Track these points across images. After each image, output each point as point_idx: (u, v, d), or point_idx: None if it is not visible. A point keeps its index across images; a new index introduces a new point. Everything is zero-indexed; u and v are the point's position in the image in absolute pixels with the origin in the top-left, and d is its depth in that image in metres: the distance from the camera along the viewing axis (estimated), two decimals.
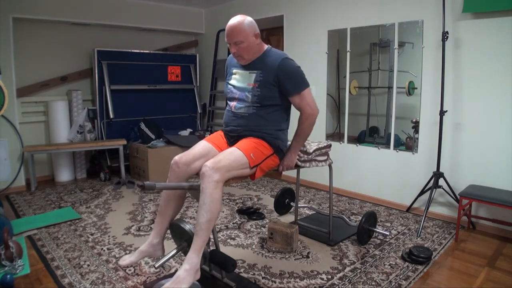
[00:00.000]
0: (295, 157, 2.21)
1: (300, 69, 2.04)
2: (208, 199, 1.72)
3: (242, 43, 1.96)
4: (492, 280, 2.13)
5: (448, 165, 3.04)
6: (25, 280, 2.13)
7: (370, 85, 3.73)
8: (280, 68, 1.97)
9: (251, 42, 1.98)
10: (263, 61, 2.04)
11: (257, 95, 2.01)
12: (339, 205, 3.50)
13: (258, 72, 2.02)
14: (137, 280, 2.12)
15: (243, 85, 2.07)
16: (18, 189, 4.02)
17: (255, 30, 2.00)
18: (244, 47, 1.97)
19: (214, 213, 1.76)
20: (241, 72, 2.10)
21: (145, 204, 3.50)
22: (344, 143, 3.84)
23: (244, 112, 2.05)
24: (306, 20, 4.09)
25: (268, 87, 2.00)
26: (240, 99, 2.07)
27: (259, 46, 2.05)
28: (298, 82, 2.01)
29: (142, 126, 4.59)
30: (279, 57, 2.01)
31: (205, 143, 2.08)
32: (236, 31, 1.94)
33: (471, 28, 2.85)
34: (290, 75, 1.99)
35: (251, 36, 1.97)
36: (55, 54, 4.47)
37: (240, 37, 1.94)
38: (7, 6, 3.81)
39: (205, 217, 1.73)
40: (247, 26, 1.95)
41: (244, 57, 2.02)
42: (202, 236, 1.74)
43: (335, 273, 2.20)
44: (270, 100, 2.02)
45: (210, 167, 1.75)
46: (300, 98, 2.02)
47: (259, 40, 2.03)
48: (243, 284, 2.06)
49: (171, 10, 5.18)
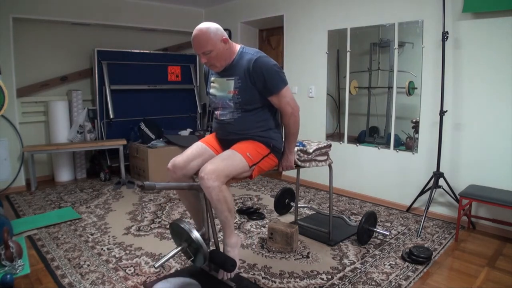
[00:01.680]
0: (292, 157, 2.20)
1: (276, 66, 1.95)
2: (218, 203, 1.84)
3: (211, 52, 1.89)
4: (492, 280, 2.13)
5: (448, 165, 3.04)
6: (25, 280, 2.13)
7: (370, 85, 3.73)
8: (254, 69, 1.90)
9: (220, 49, 1.91)
10: (238, 65, 1.97)
11: (238, 102, 1.98)
12: (339, 205, 3.50)
13: (236, 78, 1.97)
14: (137, 280, 2.12)
15: (223, 94, 2.03)
16: (18, 189, 4.02)
17: (222, 35, 1.91)
18: (214, 55, 1.91)
19: (229, 208, 1.88)
20: (219, 80, 2.06)
21: (145, 204, 3.50)
22: (344, 143, 3.84)
23: (229, 118, 2.03)
24: (306, 20, 4.09)
25: (248, 91, 1.95)
26: (223, 107, 2.05)
27: (230, 51, 1.98)
28: (274, 82, 1.93)
29: (142, 126, 4.59)
30: (252, 57, 1.93)
31: (199, 143, 2.11)
32: (202, 41, 1.87)
33: (471, 28, 2.85)
34: (264, 76, 1.90)
35: (219, 42, 1.89)
36: (55, 54, 4.47)
37: (208, 46, 1.87)
38: (7, 6, 3.81)
39: (222, 215, 1.89)
40: (213, 34, 1.87)
41: (217, 65, 1.97)
42: (228, 226, 1.95)
43: (335, 273, 2.20)
44: (253, 104, 1.99)
45: (209, 177, 1.77)
46: (278, 98, 1.96)
47: (228, 44, 1.95)
48: (243, 284, 2.06)
49: (171, 10, 5.18)
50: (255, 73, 1.91)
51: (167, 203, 3.53)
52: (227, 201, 1.85)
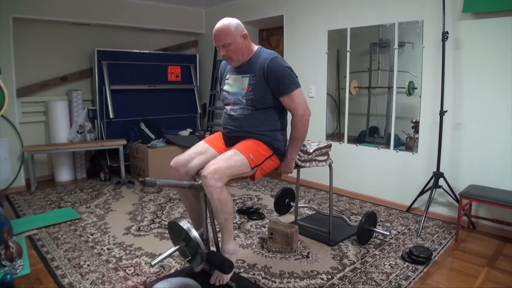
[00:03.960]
0: (292, 163, 2.18)
1: (290, 69, 2.01)
2: (219, 204, 1.84)
3: (230, 45, 1.95)
4: (492, 280, 2.13)
5: (448, 165, 3.04)
6: (25, 280, 2.13)
7: (370, 85, 3.73)
8: (269, 68, 1.96)
9: (239, 44, 1.97)
10: (254, 63, 2.03)
11: (250, 98, 2.01)
12: (339, 205, 3.50)
13: (251, 75, 2.02)
14: (137, 280, 2.12)
15: (236, 90, 2.07)
16: (18, 189, 4.02)
17: (242, 31, 1.99)
18: (233, 49, 1.97)
19: (229, 211, 1.89)
20: (234, 77, 2.11)
21: (145, 204, 3.50)
22: (344, 143, 3.84)
23: (239, 114, 2.06)
24: (306, 20, 4.09)
25: (261, 89, 1.99)
26: (235, 103, 2.08)
27: (248, 47, 2.04)
28: (287, 83, 1.97)
29: (142, 126, 4.59)
30: (268, 57, 2.00)
31: (202, 143, 2.13)
32: (223, 33, 1.94)
33: (471, 28, 2.85)
34: (278, 76, 1.95)
35: (239, 37, 1.97)
36: (55, 54, 4.47)
37: (227, 39, 1.94)
38: (7, 6, 3.81)
39: (222, 217, 1.89)
40: (233, 28, 1.95)
41: (234, 59, 2.02)
42: (227, 231, 1.95)
43: (335, 273, 2.20)
44: (264, 102, 2.02)
45: (212, 177, 1.78)
46: (290, 99, 1.99)
47: (247, 41, 2.02)
48: (243, 284, 2.06)
49: (171, 10, 5.18)
50: (269, 71, 1.96)
51: (167, 203, 3.53)
52: (227, 202, 1.85)
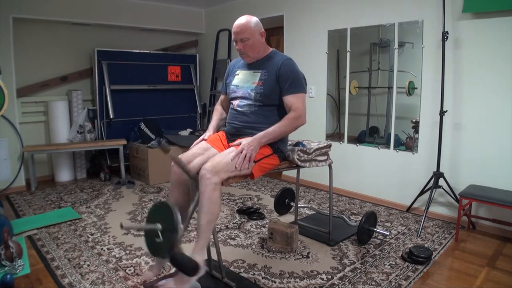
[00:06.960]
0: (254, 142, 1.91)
1: (302, 74, 2.10)
2: (207, 201, 1.75)
3: (248, 40, 2.04)
4: (492, 280, 2.13)
5: (448, 165, 3.04)
6: (25, 280, 2.13)
7: (370, 85, 3.73)
8: (284, 66, 2.04)
9: (257, 40, 2.06)
10: (268, 61, 2.11)
11: (260, 92, 2.05)
12: (339, 205, 3.50)
13: (263, 71, 2.09)
14: (137, 280, 2.12)
15: (246, 84, 2.12)
16: (18, 189, 4.02)
17: (261, 28, 2.09)
18: (250, 44, 2.05)
19: (214, 214, 1.79)
20: (245, 72, 2.17)
21: (145, 204, 3.50)
22: (344, 143, 3.84)
23: (246, 109, 2.10)
24: (306, 20, 4.09)
25: (271, 85, 2.05)
26: (243, 97, 2.12)
27: (264, 46, 2.13)
28: (297, 84, 2.04)
29: (142, 126, 4.59)
30: (285, 57, 2.10)
31: (203, 142, 2.13)
32: (243, 28, 2.03)
33: (471, 28, 2.85)
34: (291, 75, 2.03)
35: (257, 34, 2.06)
36: (55, 54, 4.47)
37: (246, 34, 2.03)
38: (7, 6, 3.81)
39: (205, 219, 1.76)
40: (253, 24, 2.05)
41: (249, 55, 2.09)
42: (204, 237, 1.79)
43: (335, 273, 2.20)
44: (271, 99, 2.06)
45: (209, 170, 1.77)
46: (295, 98, 2.03)
47: (264, 39, 2.11)
48: (243, 284, 2.06)
49: (171, 10, 5.18)
50: (283, 68, 2.04)
51: None
52: (216, 203, 1.76)
